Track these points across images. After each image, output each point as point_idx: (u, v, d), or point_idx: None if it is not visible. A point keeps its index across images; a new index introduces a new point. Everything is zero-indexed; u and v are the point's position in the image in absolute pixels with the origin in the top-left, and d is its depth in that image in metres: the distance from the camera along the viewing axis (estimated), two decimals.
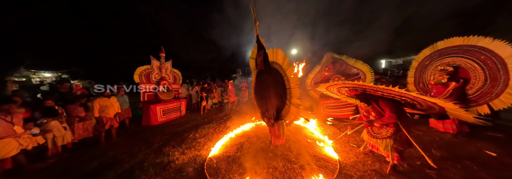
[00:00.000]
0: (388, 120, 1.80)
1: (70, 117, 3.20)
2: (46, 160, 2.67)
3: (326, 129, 3.56)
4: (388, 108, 1.78)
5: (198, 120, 5.03)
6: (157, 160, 2.58)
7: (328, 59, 4.53)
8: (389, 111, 1.77)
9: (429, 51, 3.37)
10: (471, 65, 2.80)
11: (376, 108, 1.90)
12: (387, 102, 1.80)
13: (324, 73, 4.60)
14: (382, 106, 1.83)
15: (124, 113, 4.26)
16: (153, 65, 5.03)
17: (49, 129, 2.70)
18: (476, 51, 2.73)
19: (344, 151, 2.53)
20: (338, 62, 4.41)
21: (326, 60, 4.59)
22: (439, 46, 3.21)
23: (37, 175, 2.34)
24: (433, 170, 1.92)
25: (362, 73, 4.19)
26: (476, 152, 2.36)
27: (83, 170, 2.43)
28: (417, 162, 2.12)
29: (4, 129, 2.15)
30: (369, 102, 1.95)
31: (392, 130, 1.84)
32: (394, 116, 1.75)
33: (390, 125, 1.86)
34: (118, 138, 3.64)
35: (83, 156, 2.88)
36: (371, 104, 1.94)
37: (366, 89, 1.86)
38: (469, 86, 2.84)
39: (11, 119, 2.26)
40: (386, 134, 1.89)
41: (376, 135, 2.00)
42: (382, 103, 1.84)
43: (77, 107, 3.36)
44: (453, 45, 3.01)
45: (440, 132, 3.02)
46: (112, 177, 2.21)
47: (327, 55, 4.59)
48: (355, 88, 1.97)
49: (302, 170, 2.05)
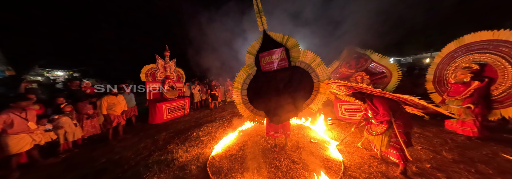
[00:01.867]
0: (381, 118, 1.84)
1: (79, 114, 3.32)
2: (58, 155, 2.80)
3: (330, 130, 3.49)
4: (381, 106, 1.82)
5: (202, 118, 5.09)
6: (162, 157, 2.63)
7: (350, 54, 3.78)
8: (382, 109, 1.81)
9: (454, 46, 3.07)
10: (501, 63, 2.48)
11: (371, 106, 1.95)
12: (380, 100, 1.84)
13: (344, 70, 3.88)
14: (376, 104, 1.88)
15: (130, 111, 4.38)
16: (158, 63, 5.11)
17: (60, 125, 2.81)
18: (508, 47, 2.42)
19: (349, 152, 2.47)
20: (362, 58, 3.71)
21: (347, 55, 3.84)
22: (466, 41, 2.90)
23: (49, 169, 2.45)
24: (444, 173, 1.83)
25: (387, 72, 3.58)
26: (492, 155, 2.22)
27: (92, 165, 2.52)
28: (426, 165, 2.03)
29: (19, 125, 2.26)
30: (364, 100, 2.01)
31: (386, 127, 1.88)
32: (387, 113, 1.78)
33: (384, 122, 1.90)
34: (125, 135, 3.75)
35: (92, 152, 2.99)
36: (366, 102, 1.99)
37: (361, 89, 1.89)
38: (495, 86, 2.55)
39: (26, 116, 2.37)
40: (379, 131, 1.93)
41: (372, 132, 2.05)
42: (375, 101, 1.88)
43: (86, 104, 3.48)
44: (481, 39, 2.72)
45: (453, 133, 2.87)
46: (119, 173, 2.28)
47: (348, 49, 3.84)
48: (352, 88, 1.98)
49: (305, 171, 2.02)
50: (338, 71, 4.15)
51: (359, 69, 3.75)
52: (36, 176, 2.28)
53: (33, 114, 2.50)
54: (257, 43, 2.50)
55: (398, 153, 1.84)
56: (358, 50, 3.83)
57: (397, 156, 1.85)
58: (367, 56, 3.73)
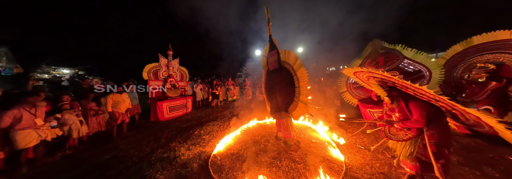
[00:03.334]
0: (412, 125, 1.50)
1: (85, 111, 3.39)
2: (64, 151, 2.86)
3: (334, 130, 3.46)
4: (417, 111, 1.47)
5: (203, 117, 5.12)
6: (164, 155, 2.67)
7: (376, 50, 3.17)
8: (418, 115, 1.46)
9: (461, 47, 2.95)
10: None
11: (402, 108, 1.61)
12: (418, 104, 1.49)
13: (369, 68, 3.49)
14: (411, 108, 1.53)
15: (134, 109, 4.44)
16: (161, 62, 5.16)
17: (66, 122, 2.88)
18: None
19: (351, 153, 2.45)
20: (391, 54, 3.07)
21: (373, 51, 3.23)
22: (475, 41, 2.80)
23: (55, 165, 2.52)
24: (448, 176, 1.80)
25: (426, 70, 2.89)
26: (498, 158, 2.18)
27: (97, 161, 2.58)
28: None
29: (26, 121, 2.32)
30: (397, 99, 1.66)
31: (413, 134, 1.55)
32: (422, 121, 1.44)
33: (411, 129, 1.56)
34: (129, 133, 3.81)
35: (97, 148, 3.05)
36: (398, 103, 1.66)
37: (395, 84, 1.57)
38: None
39: (35, 112, 2.44)
40: (403, 137, 1.60)
41: (390, 136, 1.71)
42: (412, 104, 1.53)
43: (90, 102, 3.54)
44: (496, 39, 2.62)
45: (458, 135, 2.78)
46: (122, 169, 2.32)
47: (373, 44, 3.24)
48: (384, 81, 1.68)
49: (306, 171, 2.02)
50: None
51: (388, 67, 3.07)
52: (42, 171, 2.34)
53: (42, 110, 2.56)
54: (267, 47, 2.78)
55: (417, 165, 1.53)
56: (386, 45, 3.18)
57: (415, 168, 1.54)
58: (397, 51, 3.04)
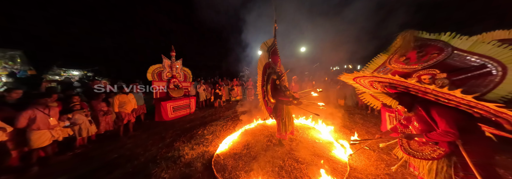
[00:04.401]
0: (440, 138, 1.15)
1: (94, 111, 3.51)
2: (74, 150, 2.98)
3: (337, 131, 3.42)
4: (444, 120, 1.14)
5: (207, 117, 5.19)
6: (169, 154, 2.73)
7: (408, 42, 2.40)
8: (445, 125, 1.13)
9: None
10: None
11: (423, 116, 1.26)
12: (444, 111, 1.16)
13: (396, 65, 2.53)
14: (435, 116, 1.20)
15: (139, 109, 4.55)
16: (164, 63, 5.25)
17: (76, 122, 2.99)
18: None
19: (355, 153, 2.42)
20: (430, 46, 2.30)
21: (404, 43, 2.46)
22: None
23: (65, 164, 2.62)
24: None
25: (495, 65, 1.87)
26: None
27: (105, 160, 2.67)
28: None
29: (41, 121, 2.43)
30: (414, 107, 1.31)
31: (444, 150, 1.19)
32: (454, 132, 1.10)
33: (441, 144, 1.22)
34: (135, 132, 3.91)
35: (105, 148, 3.16)
36: (417, 111, 1.30)
37: (408, 89, 1.26)
38: None
39: (49, 112, 2.54)
40: (431, 154, 1.23)
41: (413, 153, 1.32)
42: (435, 111, 1.20)
43: (100, 102, 3.66)
44: (494, 39, 2.32)
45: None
46: (129, 168, 2.40)
47: (404, 35, 2.45)
48: (393, 85, 1.35)
49: (309, 171, 2.01)
50: (386, 68, 2.67)
51: (426, 63, 2.27)
52: (53, 170, 2.43)
53: (56, 111, 2.67)
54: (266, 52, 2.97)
55: None
56: (425, 36, 2.36)
57: None
58: (441, 43, 2.23)
